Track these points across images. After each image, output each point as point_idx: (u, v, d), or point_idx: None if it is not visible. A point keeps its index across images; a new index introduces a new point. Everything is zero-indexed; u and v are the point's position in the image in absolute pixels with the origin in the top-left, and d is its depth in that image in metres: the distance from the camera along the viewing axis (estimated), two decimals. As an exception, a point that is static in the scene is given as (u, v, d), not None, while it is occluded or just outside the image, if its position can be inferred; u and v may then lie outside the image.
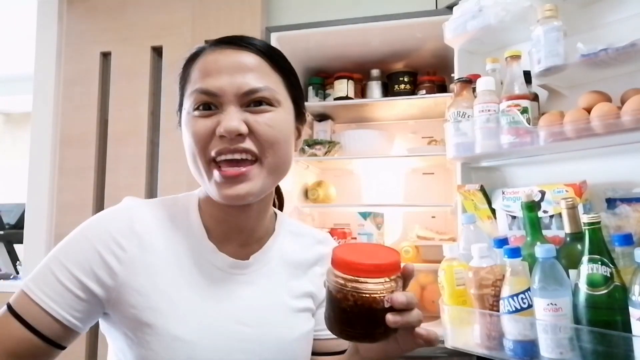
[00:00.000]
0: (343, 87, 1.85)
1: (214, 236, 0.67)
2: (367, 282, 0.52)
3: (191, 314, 0.63)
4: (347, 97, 1.84)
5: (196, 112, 0.62)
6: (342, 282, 0.52)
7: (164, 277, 0.63)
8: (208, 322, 0.64)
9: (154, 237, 0.64)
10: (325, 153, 1.87)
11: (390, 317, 0.52)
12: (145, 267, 0.62)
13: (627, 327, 0.83)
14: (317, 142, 1.88)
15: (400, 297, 0.52)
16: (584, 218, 0.92)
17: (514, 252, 1.00)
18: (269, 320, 0.67)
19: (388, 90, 1.89)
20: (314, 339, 0.74)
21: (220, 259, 0.67)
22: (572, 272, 0.93)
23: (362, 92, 1.93)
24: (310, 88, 1.97)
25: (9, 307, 0.61)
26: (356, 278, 0.52)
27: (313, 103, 1.93)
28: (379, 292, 0.52)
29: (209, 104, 0.61)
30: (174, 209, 0.69)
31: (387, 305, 0.52)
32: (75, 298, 0.60)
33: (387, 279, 0.53)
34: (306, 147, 1.87)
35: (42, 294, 0.60)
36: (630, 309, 0.82)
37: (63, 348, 0.62)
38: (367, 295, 0.51)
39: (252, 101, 0.61)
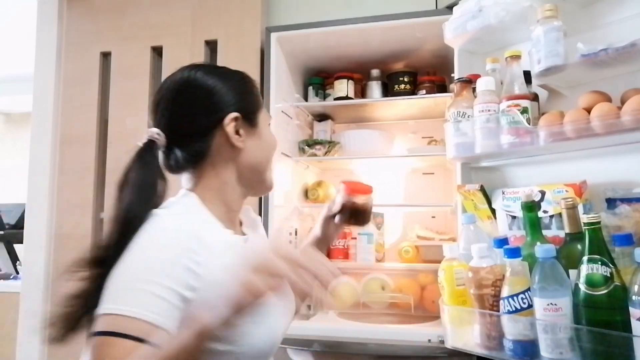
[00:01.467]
0: (343, 87, 1.85)
1: (224, 225, 0.79)
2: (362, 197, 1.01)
3: None
4: (347, 97, 1.84)
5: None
6: (347, 197, 0.99)
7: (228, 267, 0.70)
8: None
9: (208, 234, 0.72)
10: (325, 153, 1.87)
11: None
12: (216, 263, 0.68)
13: (627, 327, 0.83)
14: (317, 142, 1.88)
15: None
16: (584, 218, 0.92)
17: (514, 252, 1.00)
18: None
19: (388, 90, 1.89)
20: None
21: (240, 238, 0.83)
22: (572, 272, 0.94)
23: (362, 92, 1.93)
24: (310, 88, 1.97)
25: (111, 334, 0.60)
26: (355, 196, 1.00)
27: (313, 103, 1.93)
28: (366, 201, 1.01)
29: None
30: (194, 210, 0.77)
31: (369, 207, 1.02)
32: (172, 307, 0.64)
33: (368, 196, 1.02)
34: (306, 147, 1.87)
35: (143, 310, 0.61)
36: (630, 309, 0.82)
37: None
38: (361, 203, 1.00)
39: None
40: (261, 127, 0.83)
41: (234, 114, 0.78)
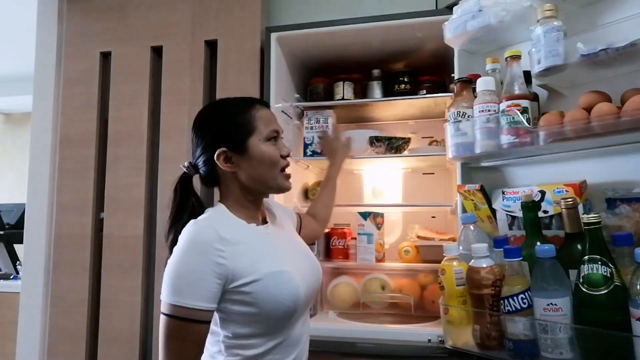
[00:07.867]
0: (339, 90, 1.85)
1: (247, 222, 1.01)
2: None
3: (275, 258, 0.96)
4: (343, 99, 1.84)
5: (270, 141, 1.00)
6: None
7: (249, 252, 0.92)
8: (287, 259, 0.98)
9: (228, 234, 0.92)
10: (326, 153, 1.86)
11: None
12: (238, 253, 0.91)
13: (627, 327, 0.83)
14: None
15: None
16: (584, 218, 0.92)
17: (514, 252, 1.00)
18: (298, 244, 1.11)
19: (388, 90, 1.89)
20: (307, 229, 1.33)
21: (260, 227, 1.03)
22: (572, 272, 0.94)
23: (362, 92, 1.93)
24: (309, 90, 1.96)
25: (179, 318, 0.85)
26: None
27: (313, 103, 1.93)
28: None
29: (274, 138, 1.01)
30: (218, 217, 0.97)
31: None
32: (215, 293, 0.88)
33: None
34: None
35: (196, 300, 0.86)
36: (630, 309, 0.82)
37: None
38: None
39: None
40: (252, 149, 0.99)
41: (220, 149, 0.98)
